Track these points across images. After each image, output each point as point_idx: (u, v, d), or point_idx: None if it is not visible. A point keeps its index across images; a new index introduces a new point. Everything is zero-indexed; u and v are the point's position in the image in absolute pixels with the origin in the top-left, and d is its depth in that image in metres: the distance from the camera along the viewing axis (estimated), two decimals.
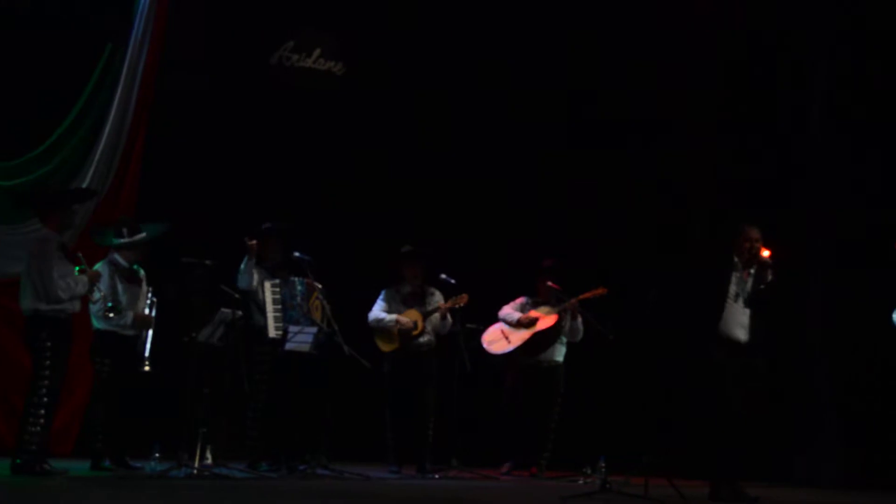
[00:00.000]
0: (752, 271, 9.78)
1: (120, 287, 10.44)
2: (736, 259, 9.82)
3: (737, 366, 9.62)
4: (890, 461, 11.70)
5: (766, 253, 9.73)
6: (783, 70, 12.94)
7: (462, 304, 11.61)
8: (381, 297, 11.79)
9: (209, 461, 10.17)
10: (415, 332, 11.61)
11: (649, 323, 9.86)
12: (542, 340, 11.98)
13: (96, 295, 10.07)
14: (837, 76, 12.49)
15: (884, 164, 12.25)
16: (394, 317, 11.62)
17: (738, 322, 9.71)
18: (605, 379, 12.34)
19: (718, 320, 9.63)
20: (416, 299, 11.78)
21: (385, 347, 11.66)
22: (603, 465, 10.54)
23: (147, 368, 10.29)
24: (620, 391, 12.44)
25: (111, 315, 10.19)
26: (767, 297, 9.73)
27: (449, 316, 11.65)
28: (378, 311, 11.70)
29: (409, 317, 11.64)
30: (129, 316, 10.42)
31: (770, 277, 9.70)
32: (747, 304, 9.74)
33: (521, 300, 12.22)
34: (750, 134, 12.91)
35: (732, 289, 9.74)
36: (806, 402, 12.39)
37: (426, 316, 11.67)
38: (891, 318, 10.69)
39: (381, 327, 11.65)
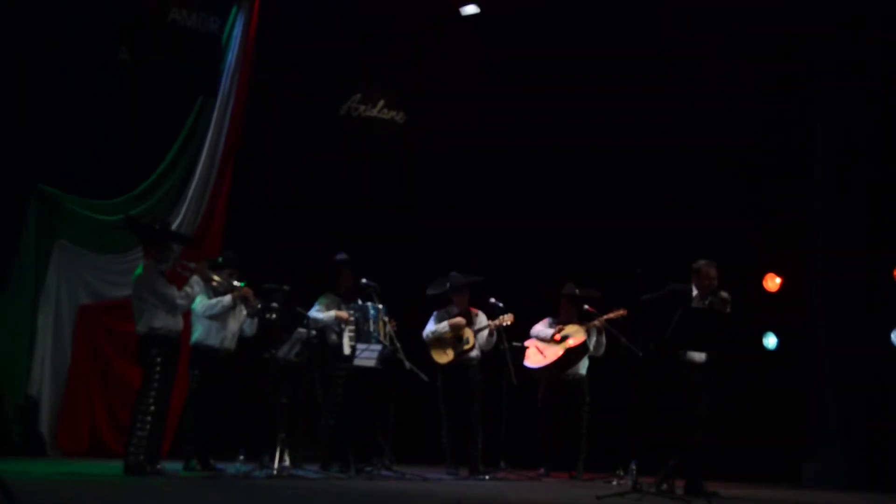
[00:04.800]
0: (707, 302, 10.04)
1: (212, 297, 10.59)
2: (696, 292, 10.10)
3: (692, 381, 9.93)
4: (891, 466, 11.73)
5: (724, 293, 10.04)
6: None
7: (509, 323, 11.72)
8: (432, 317, 11.91)
9: (287, 464, 10.20)
10: (467, 347, 11.69)
11: (637, 298, 10.14)
12: (574, 356, 11.99)
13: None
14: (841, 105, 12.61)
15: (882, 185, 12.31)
16: (445, 322, 11.73)
17: None
18: (634, 389, 12.27)
19: (673, 344, 9.87)
20: (464, 319, 11.88)
21: (441, 359, 11.75)
22: (634, 467, 10.20)
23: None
24: (647, 400, 12.37)
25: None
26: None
27: (494, 333, 11.76)
28: (431, 327, 11.83)
29: (462, 334, 11.77)
30: (228, 298, 10.45)
31: (728, 310, 9.95)
32: None
33: (546, 321, 12.28)
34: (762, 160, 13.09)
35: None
36: (814, 413, 12.38)
37: (477, 332, 11.75)
38: (890, 337, 10.83)
39: (436, 337, 11.74)
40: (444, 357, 11.77)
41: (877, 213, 12.32)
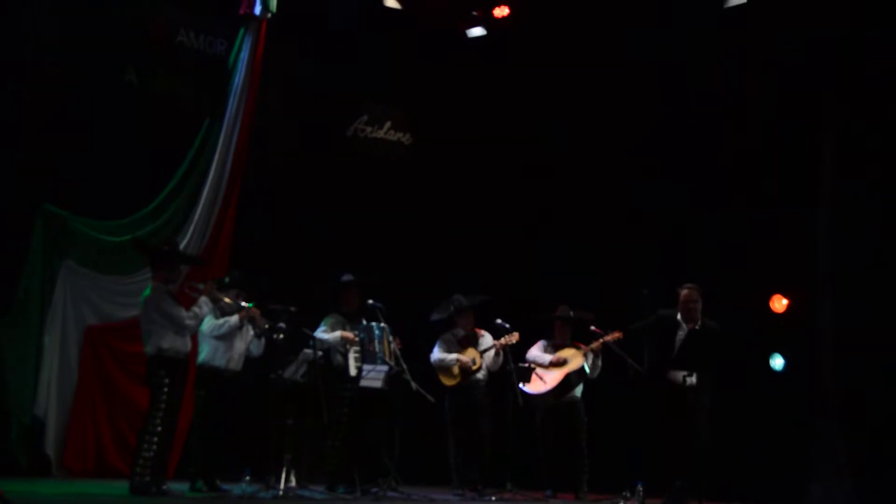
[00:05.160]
0: (699, 325, 10.16)
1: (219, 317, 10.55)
2: (679, 317, 10.24)
3: (687, 403, 10.02)
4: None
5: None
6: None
7: (514, 342, 11.62)
8: (438, 342, 11.93)
9: (293, 484, 10.27)
10: (474, 368, 11.68)
11: (645, 316, 10.34)
12: (573, 379, 11.81)
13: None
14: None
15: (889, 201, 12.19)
16: (455, 356, 11.73)
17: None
18: (639, 410, 12.27)
19: (667, 368, 10.07)
20: (469, 341, 11.89)
21: (447, 382, 11.75)
22: (640, 489, 10.40)
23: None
24: (651, 421, 12.28)
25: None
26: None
27: (501, 353, 11.65)
28: (439, 353, 11.83)
29: (468, 355, 11.74)
30: (235, 318, 10.43)
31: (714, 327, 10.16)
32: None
33: (541, 343, 12.13)
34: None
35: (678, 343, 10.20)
36: (818, 433, 12.23)
37: (483, 353, 11.74)
38: None
39: (443, 366, 11.76)
40: (450, 380, 11.76)
41: (883, 229, 12.19)
